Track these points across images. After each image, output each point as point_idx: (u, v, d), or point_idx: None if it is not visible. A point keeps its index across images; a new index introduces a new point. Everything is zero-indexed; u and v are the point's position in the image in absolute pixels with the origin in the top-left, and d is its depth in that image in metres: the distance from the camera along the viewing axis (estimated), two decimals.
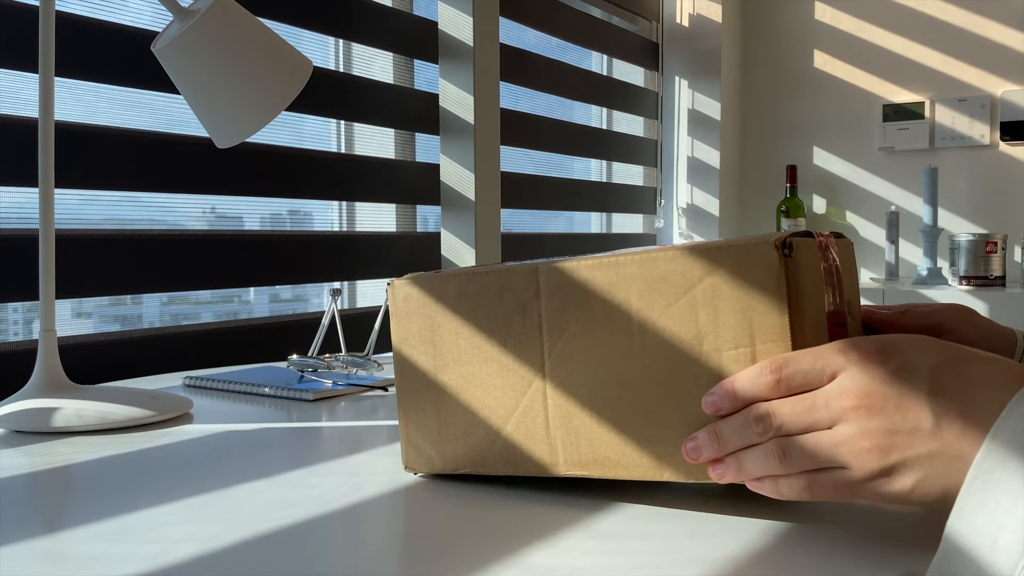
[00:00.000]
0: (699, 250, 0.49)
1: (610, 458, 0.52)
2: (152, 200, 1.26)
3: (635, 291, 0.51)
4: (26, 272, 1.01)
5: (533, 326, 0.54)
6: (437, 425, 0.58)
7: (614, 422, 0.52)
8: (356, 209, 1.62)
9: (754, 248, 0.48)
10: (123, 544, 0.48)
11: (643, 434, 0.51)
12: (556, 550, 0.46)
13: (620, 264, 0.51)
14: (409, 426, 0.60)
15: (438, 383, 0.58)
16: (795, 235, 0.49)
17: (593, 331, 0.52)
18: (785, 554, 0.46)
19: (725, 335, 0.48)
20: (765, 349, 0.47)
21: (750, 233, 2.64)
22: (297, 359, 1.01)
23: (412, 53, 1.65)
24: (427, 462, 0.59)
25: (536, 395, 0.54)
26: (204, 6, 0.80)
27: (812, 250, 0.50)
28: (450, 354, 0.57)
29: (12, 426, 0.75)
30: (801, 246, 0.48)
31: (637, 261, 0.51)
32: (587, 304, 0.52)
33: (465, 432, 0.57)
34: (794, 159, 2.58)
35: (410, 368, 0.59)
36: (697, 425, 0.49)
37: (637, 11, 2.43)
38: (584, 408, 0.53)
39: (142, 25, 1.17)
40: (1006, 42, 2.30)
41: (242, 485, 0.59)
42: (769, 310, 0.47)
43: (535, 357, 0.54)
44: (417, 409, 0.59)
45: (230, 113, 0.82)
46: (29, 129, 1.01)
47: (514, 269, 0.55)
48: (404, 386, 0.60)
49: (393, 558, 0.46)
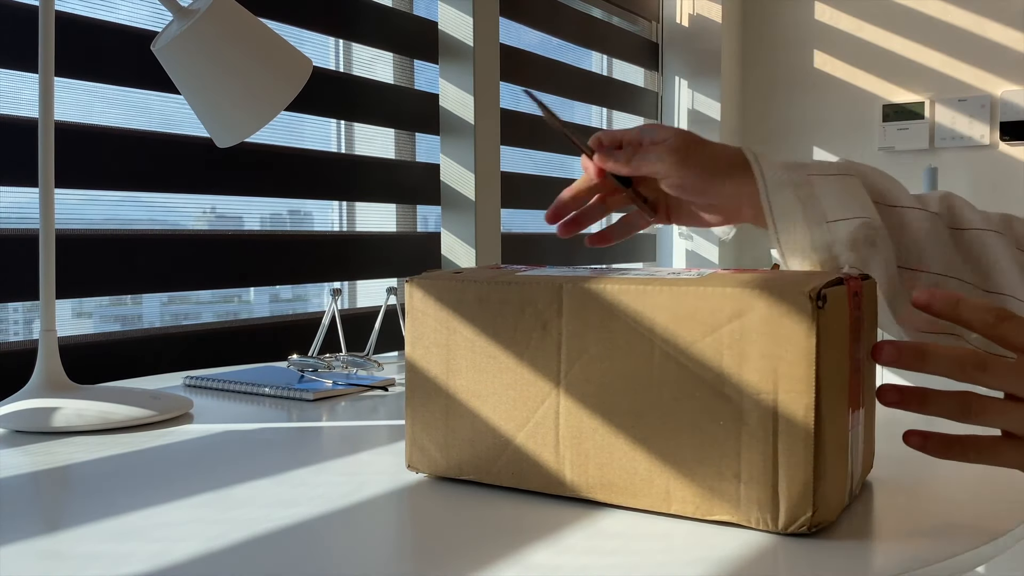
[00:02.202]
0: (731, 287, 0.49)
1: (617, 484, 0.52)
2: (152, 200, 1.26)
3: (660, 322, 0.50)
4: (26, 272, 1.01)
5: (552, 344, 0.54)
6: (444, 429, 0.58)
7: (625, 450, 0.52)
8: (356, 209, 1.62)
9: (789, 296, 0.47)
10: (124, 544, 0.48)
11: (654, 465, 0.51)
12: (558, 549, 0.46)
13: (648, 293, 0.51)
14: (416, 426, 0.59)
15: (449, 387, 0.57)
16: (829, 284, 0.48)
17: (613, 356, 0.52)
18: (785, 554, 0.46)
19: (749, 379, 0.48)
20: (788, 398, 0.47)
21: (750, 235, 2.64)
22: (297, 359, 1.01)
23: (412, 53, 1.65)
24: (431, 463, 0.59)
25: (549, 412, 0.54)
26: (204, 6, 0.80)
27: (842, 299, 0.49)
28: (464, 360, 0.57)
29: (12, 426, 0.75)
30: (832, 297, 0.48)
31: (667, 292, 0.50)
32: (609, 329, 0.52)
33: (472, 439, 0.57)
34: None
35: (421, 368, 0.59)
36: (711, 463, 0.49)
37: (637, 11, 2.43)
38: (596, 432, 0.52)
39: (142, 25, 1.17)
40: (1006, 42, 2.30)
41: (243, 484, 0.59)
42: (797, 360, 0.47)
43: (551, 375, 0.54)
44: (425, 410, 0.59)
45: (230, 112, 0.82)
46: (29, 129, 1.01)
47: (538, 283, 0.54)
48: (413, 385, 0.59)
49: (395, 557, 0.46)
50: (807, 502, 0.47)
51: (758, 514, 0.48)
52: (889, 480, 0.55)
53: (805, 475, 0.47)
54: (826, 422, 0.47)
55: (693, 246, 2.50)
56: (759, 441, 0.48)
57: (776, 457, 0.48)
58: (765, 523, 0.48)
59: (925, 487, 0.57)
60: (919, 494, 0.55)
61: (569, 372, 0.53)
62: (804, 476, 0.47)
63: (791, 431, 0.47)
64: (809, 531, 0.47)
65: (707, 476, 0.49)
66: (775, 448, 0.48)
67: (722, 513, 0.49)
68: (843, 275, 0.51)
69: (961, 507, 0.53)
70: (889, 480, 0.55)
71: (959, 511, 0.53)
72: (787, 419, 0.47)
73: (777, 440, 0.47)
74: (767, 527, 0.48)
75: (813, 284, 0.47)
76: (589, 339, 0.52)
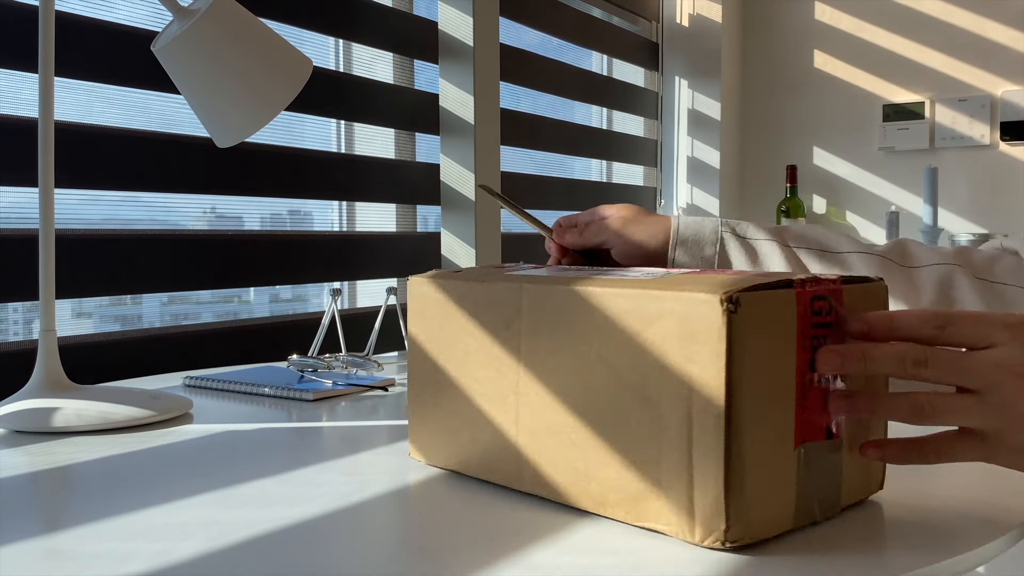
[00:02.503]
0: (658, 290, 0.48)
1: (561, 485, 0.53)
2: (152, 200, 1.26)
3: (597, 323, 0.50)
4: (26, 272, 1.01)
5: (513, 343, 0.55)
6: (435, 422, 0.61)
7: (567, 451, 0.52)
8: (356, 209, 1.62)
9: (700, 300, 0.45)
10: (124, 544, 0.48)
11: (591, 467, 0.51)
12: (559, 549, 0.46)
13: (589, 294, 0.51)
14: (413, 417, 0.63)
15: (439, 381, 0.60)
16: (761, 286, 0.45)
17: (559, 357, 0.52)
18: (785, 554, 0.46)
19: (668, 382, 0.47)
20: (700, 407, 0.45)
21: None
22: (297, 359, 1.01)
23: (412, 53, 1.65)
24: (427, 454, 0.62)
25: (510, 410, 0.55)
26: (204, 6, 0.80)
27: (780, 305, 0.46)
28: (452, 357, 0.59)
29: (12, 426, 0.75)
30: (757, 302, 0.45)
31: (601, 293, 0.50)
32: (557, 329, 0.52)
33: (456, 429, 0.59)
34: (794, 159, 2.58)
35: (419, 363, 0.62)
36: (636, 468, 0.48)
37: (637, 11, 2.43)
38: (546, 431, 0.53)
39: (142, 25, 1.17)
40: (1006, 42, 2.30)
41: (243, 484, 0.59)
42: (707, 366, 0.45)
43: (511, 374, 0.55)
44: (419, 402, 0.62)
45: (230, 112, 0.82)
46: (29, 129, 1.01)
47: (506, 281, 0.56)
48: (413, 378, 0.63)
49: (396, 557, 0.46)
50: (719, 516, 0.45)
51: (678, 524, 0.47)
52: (889, 479, 0.55)
53: (716, 488, 0.45)
54: (747, 434, 0.45)
55: None
56: (675, 449, 0.46)
57: (691, 467, 0.46)
58: (684, 534, 0.47)
59: (925, 487, 0.57)
60: (919, 494, 0.55)
61: (527, 371, 0.54)
62: (715, 489, 0.45)
63: (703, 441, 0.45)
64: (726, 546, 0.45)
65: (633, 481, 0.49)
66: (690, 457, 0.46)
67: (648, 520, 0.48)
68: (806, 278, 0.48)
69: (962, 507, 0.53)
70: (889, 479, 0.55)
71: (960, 511, 0.53)
72: (700, 428, 0.45)
73: (692, 449, 0.46)
74: (687, 538, 0.47)
75: (735, 288, 0.45)
76: (542, 339, 0.53)
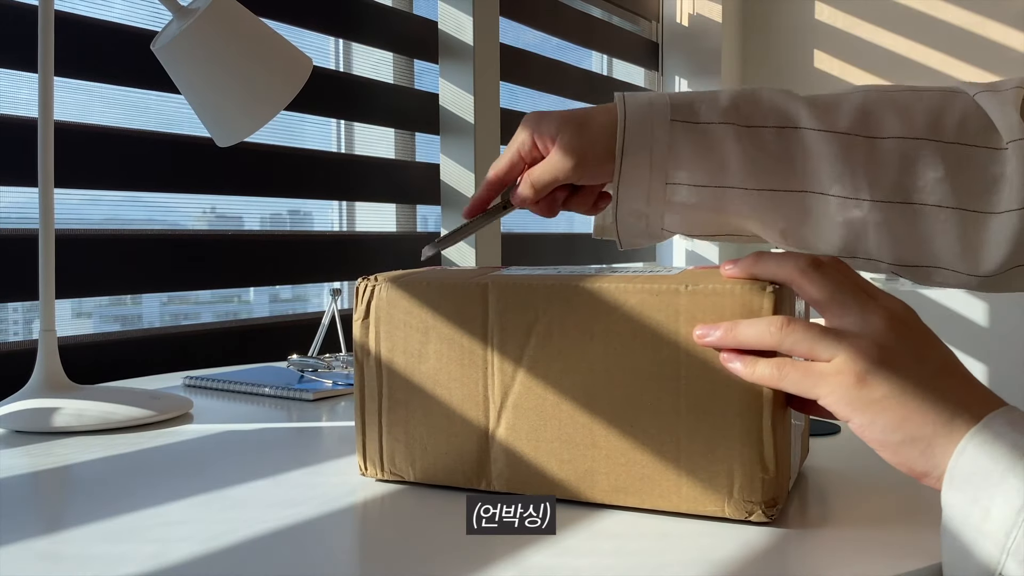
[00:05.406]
0: (684, 284, 0.50)
1: (560, 479, 0.53)
2: (152, 200, 1.26)
3: (612, 316, 0.51)
4: (26, 272, 1.01)
5: (495, 342, 0.54)
6: (402, 433, 0.57)
7: (569, 445, 0.53)
8: (356, 209, 1.62)
9: (747, 287, 0.48)
10: (123, 544, 0.48)
11: (597, 459, 0.52)
12: (556, 550, 0.46)
13: (602, 290, 0.51)
14: (368, 431, 0.58)
15: (404, 388, 0.57)
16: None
17: (559, 351, 0.53)
18: (785, 554, 0.46)
19: (693, 362, 0.49)
20: (742, 385, 0.48)
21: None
22: (297, 359, 1.01)
23: (412, 53, 1.65)
24: (392, 468, 0.58)
25: (494, 413, 0.55)
26: (203, 5, 0.80)
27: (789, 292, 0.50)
28: (418, 363, 0.56)
29: (12, 426, 0.75)
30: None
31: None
32: (563, 325, 0.53)
33: (430, 439, 0.57)
34: None
35: (370, 372, 0.58)
36: (653, 452, 0.50)
37: (637, 11, 2.43)
38: (541, 429, 0.53)
39: (141, 24, 1.17)
40: (1006, 42, 2.30)
41: (243, 485, 0.59)
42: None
43: (493, 376, 0.55)
44: (375, 413, 0.58)
45: (230, 112, 0.82)
46: (29, 129, 1.01)
47: (470, 279, 0.55)
48: (365, 388, 0.58)
49: (395, 557, 0.46)
50: (760, 490, 0.48)
51: (714, 503, 0.49)
52: (892, 472, 0.55)
53: (758, 462, 0.48)
54: (778, 402, 0.48)
55: (693, 246, 2.50)
56: (707, 429, 0.49)
57: (728, 444, 0.48)
58: (722, 511, 0.49)
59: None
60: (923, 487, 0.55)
61: (513, 369, 0.54)
62: (757, 463, 0.48)
63: (745, 416, 0.48)
64: (770, 517, 0.48)
65: (650, 465, 0.50)
66: (726, 436, 0.48)
67: (670, 503, 0.50)
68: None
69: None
70: (892, 472, 0.55)
71: None
72: (742, 404, 0.48)
73: (728, 427, 0.48)
74: (724, 514, 0.49)
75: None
76: (533, 336, 0.53)
